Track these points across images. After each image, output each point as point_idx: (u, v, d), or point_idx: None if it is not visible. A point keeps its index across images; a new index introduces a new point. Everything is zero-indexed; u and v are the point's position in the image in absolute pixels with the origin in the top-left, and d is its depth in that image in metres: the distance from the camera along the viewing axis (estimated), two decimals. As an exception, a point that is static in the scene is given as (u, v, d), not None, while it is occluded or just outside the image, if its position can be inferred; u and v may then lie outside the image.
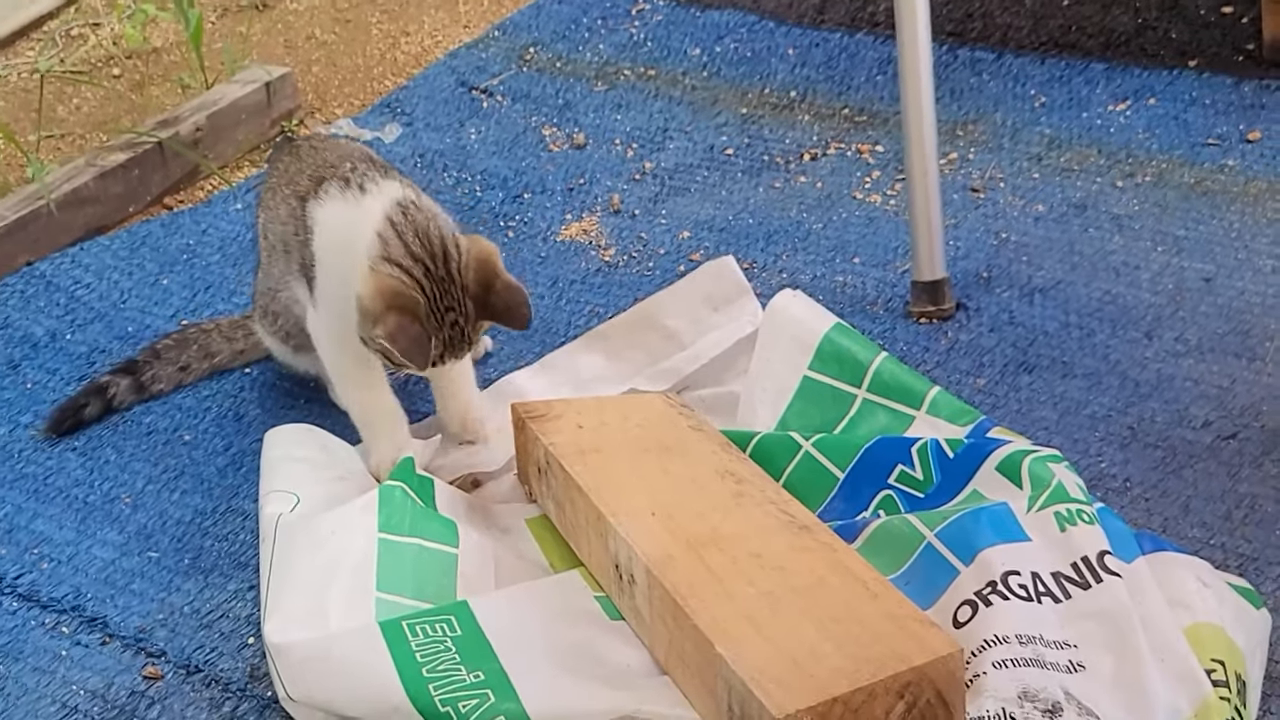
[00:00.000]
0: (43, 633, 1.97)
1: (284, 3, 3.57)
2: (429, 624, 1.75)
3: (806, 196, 2.65)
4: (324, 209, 2.02)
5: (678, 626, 1.62)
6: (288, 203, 2.10)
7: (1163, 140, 2.66)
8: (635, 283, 2.47)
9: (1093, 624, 1.61)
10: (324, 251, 2.01)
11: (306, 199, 2.05)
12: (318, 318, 2.07)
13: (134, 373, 2.33)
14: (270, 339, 2.27)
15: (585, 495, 1.83)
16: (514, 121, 2.98)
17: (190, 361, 2.36)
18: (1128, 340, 2.22)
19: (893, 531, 1.75)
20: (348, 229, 1.97)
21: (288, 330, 2.20)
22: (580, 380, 2.23)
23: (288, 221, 2.10)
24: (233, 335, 2.38)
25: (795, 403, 2.03)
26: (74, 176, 2.78)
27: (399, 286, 1.91)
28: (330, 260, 2.01)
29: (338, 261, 1.99)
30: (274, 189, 2.17)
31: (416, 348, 1.90)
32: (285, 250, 2.11)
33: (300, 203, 2.06)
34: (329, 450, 2.07)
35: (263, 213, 2.20)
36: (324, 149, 2.17)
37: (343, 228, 1.99)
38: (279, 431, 2.09)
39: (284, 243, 2.11)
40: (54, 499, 2.18)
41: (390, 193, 1.99)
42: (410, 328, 1.90)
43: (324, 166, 2.08)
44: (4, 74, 3.37)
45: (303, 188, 2.08)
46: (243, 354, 2.38)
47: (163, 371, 2.34)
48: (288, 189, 2.12)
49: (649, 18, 3.26)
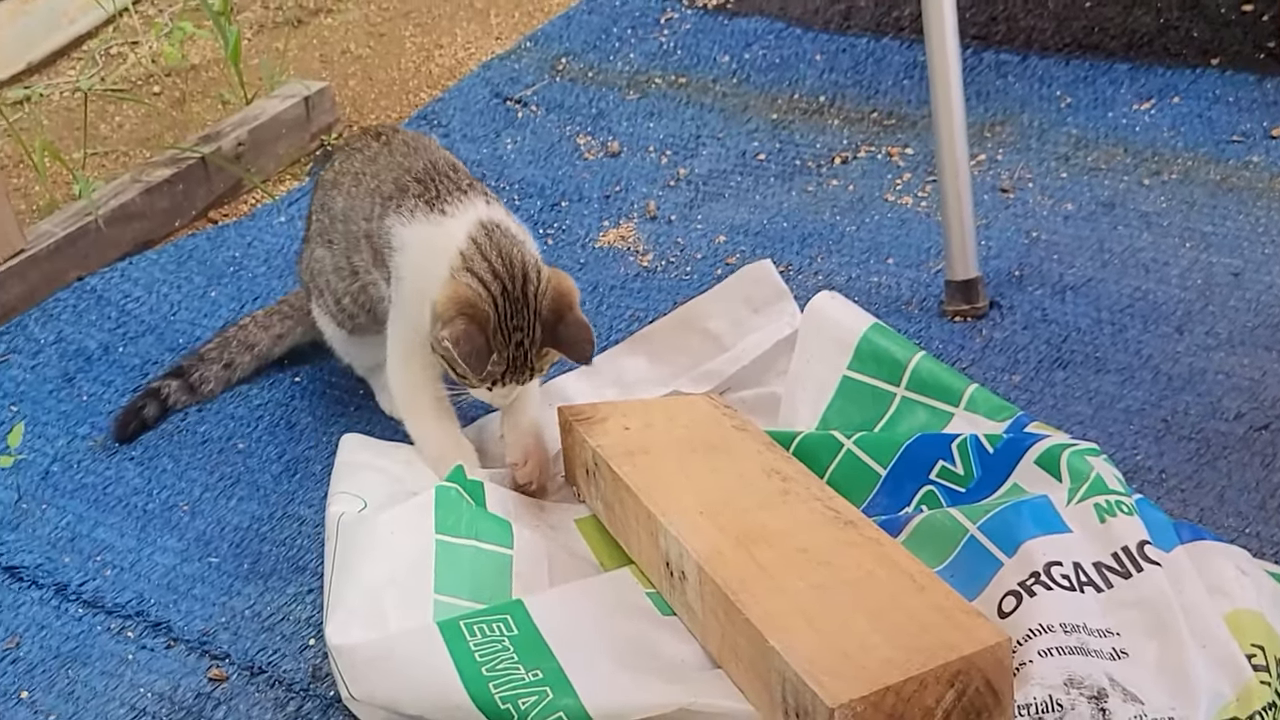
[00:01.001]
0: (109, 638, 2.02)
1: (319, 18, 3.63)
2: (486, 623, 1.79)
3: (839, 199, 2.70)
4: (408, 230, 2.07)
5: (730, 621, 1.67)
6: (370, 198, 2.15)
7: (1188, 138, 2.70)
8: (674, 287, 2.52)
9: (1135, 612, 1.65)
10: (406, 269, 2.07)
11: (388, 206, 2.10)
12: (394, 316, 2.13)
13: (182, 375, 2.39)
14: (325, 319, 2.31)
15: (634, 495, 1.88)
16: (549, 131, 3.04)
17: (233, 358, 2.41)
18: (1159, 335, 2.26)
19: (936, 525, 1.79)
20: (431, 250, 2.03)
21: (351, 311, 2.24)
22: (624, 383, 2.27)
23: (370, 218, 2.14)
24: (268, 324, 2.43)
25: (835, 402, 2.08)
26: (121, 193, 2.84)
27: (473, 296, 1.96)
28: (411, 278, 2.06)
29: (419, 280, 2.04)
30: (357, 176, 2.21)
31: (476, 355, 1.94)
32: (370, 244, 2.15)
33: (382, 205, 2.11)
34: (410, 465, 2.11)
35: (340, 197, 2.23)
36: (413, 149, 2.20)
37: (426, 249, 2.04)
38: (354, 438, 2.14)
39: (367, 236, 2.15)
40: (114, 508, 2.24)
41: (473, 213, 2.05)
42: (475, 336, 1.95)
43: (409, 172, 2.13)
44: (46, 93, 3.43)
45: (386, 189, 2.13)
46: (281, 339, 2.43)
47: (209, 372, 2.39)
48: (372, 181, 2.17)
49: (678, 26, 3.31)
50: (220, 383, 2.41)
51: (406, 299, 2.08)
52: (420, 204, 2.07)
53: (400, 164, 2.17)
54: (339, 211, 2.23)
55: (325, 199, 2.27)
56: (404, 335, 2.11)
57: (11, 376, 2.50)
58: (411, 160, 2.17)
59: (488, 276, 1.98)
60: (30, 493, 2.27)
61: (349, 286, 2.23)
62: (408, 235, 2.07)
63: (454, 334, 1.93)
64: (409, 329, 2.09)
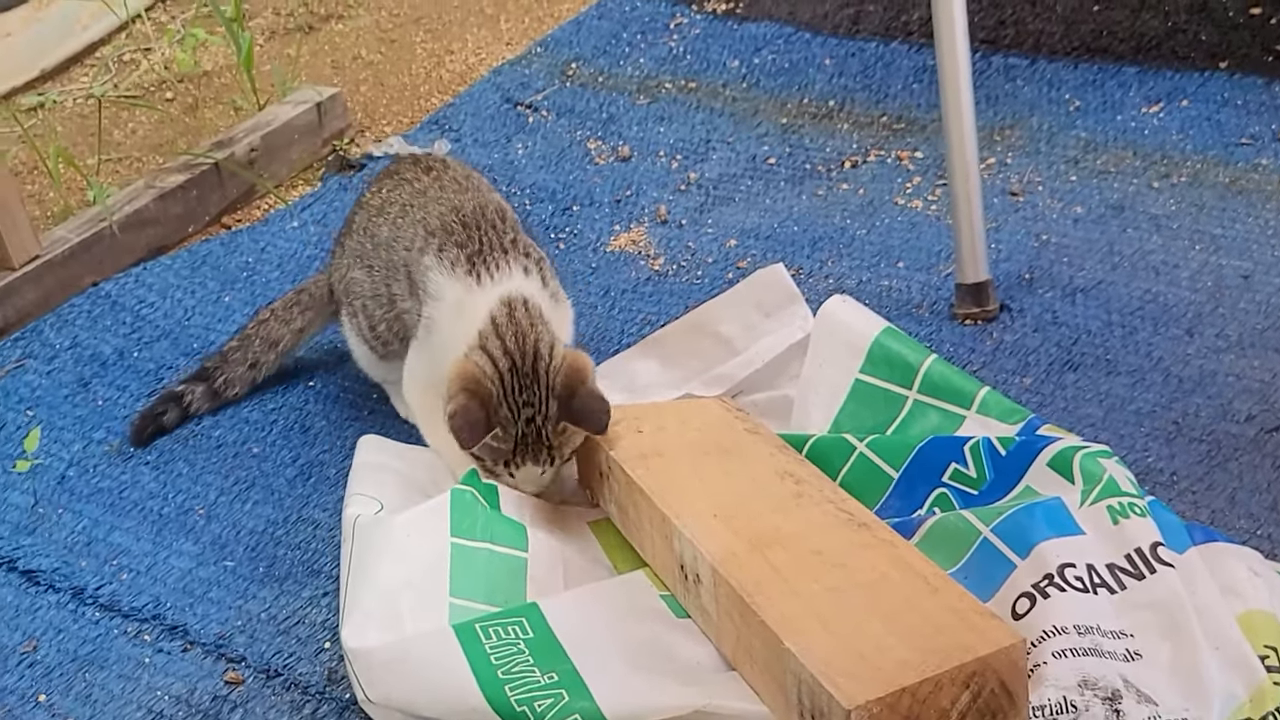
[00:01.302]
0: (125, 641, 2.03)
1: (329, 24, 3.64)
2: (501, 626, 1.80)
3: (849, 203, 2.71)
4: (446, 282, 2.07)
5: (745, 623, 1.68)
6: (415, 230, 2.16)
7: (1197, 141, 2.71)
8: (685, 291, 2.53)
9: (1148, 613, 1.66)
10: (439, 322, 2.08)
11: (429, 242, 2.11)
12: (409, 361, 2.15)
13: (207, 379, 2.40)
14: (356, 340, 2.32)
15: (648, 498, 1.89)
16: (559, 136, 3.05)
17: (257, 357, 2.41)
18: (1169, 337, 2.27)
19: (949, 527, 1.80)
20: (460, 317, 2.04)
21: (385, 338, 2.26)
22: (636, 386, 2.28)
23: (410, 248, 2.15)
24: (288, 317, 2.43)
25: (848, 405, 2.09)
26: (135, 198, 2.85)
27: (477, 373, 1.98)
28: (440, 333, 2.08)
29: (446, 341, 2.06)
30: (405, 207, 2.22)
31: (470, 429, 1.95)
32: (409, 276, 2.16)
33: (424, 239, 2.12)
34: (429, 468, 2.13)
35: (385, 225, 2.24)
36: (464, 187, 2.22)
37: (456, 314, 2.05)
38: (371, 440, 2.16)
39: (406, 265, 2.17)
40: (130, 512, 2.25)
41: (504, 286, 2.05)
42: (473, 410, 1.96)
43: (457, 211, 2.14)
44: (59, 100, 3.44)
45: (431, 224, 2.14)
46: (302, 332, 2.43)
47: (234, 374, 2.41)
48: (419, 214, 2.18)
49: (687, 31, 3.32)
50: (245, 384, 2.42)
51: (435, 346, 2.09)
52: (462, 256, 2.08)
53: (450, 200, 2.18)
54: (384, 239, 2.24)
55: (369, 224, 2.28)
56: (426, 367, 2.12)
57: (27, 382, 2.52)
58: (461, 199, 2.18)
59: (498, 354, 1.99)
60: (47, 497, 2.29)
61: (385, 314, 2.24)
62: (444, 288, 2.07)
63: (453, 409, 1.96)
64: (431, 370, 2.10)
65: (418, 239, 2.15)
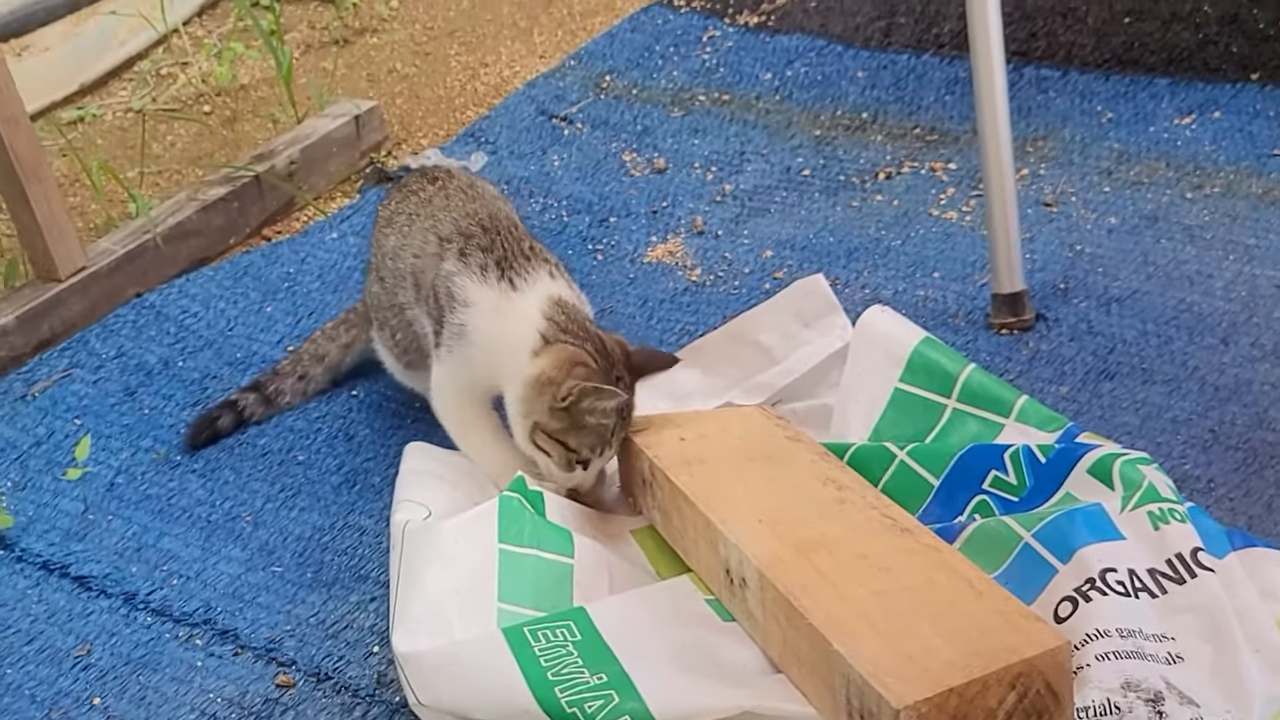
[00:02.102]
0: (177, 645, 2.06)
1: (364, 38, 3.68)
2: (550, 629, 1.83)
3: (884, 214, 2.74)
4: (478, 290, 2.09)
5: (792, 626, 1.70)
6: (424, 236, 2.19)
7: (1229, 152, 2.73)
8: (723, 301, 2.56)
9: (1189, 617, 1.68)
10: (474, 331, 2.09)
11: (447, 248, 2.14)
12: (438, 370, 2.17)
13: (260, 389, 2.45)
14: (384, 351, 2.37)
15: (693, 504, 1.92)
16: (595, 148, 3.08)
17: (307, 370, 2.46)
18: (1205, 347, 2.29)
19: (990, 533, 1.83)
20: (504, 324, 2.07)
21: (404, 347, 2.30)
22: (677, 394, 2.31)
23: (421, 256, 2.18)
24: (335, 334, 2.48)
25: (888, 413, 2.11)
26: (177, 210, 2.89)
27: (580, 354, 2.02)
28: (478, 338, 2.09)
29: (485, 342, 2.08)
30: (411, 216, 2.25)
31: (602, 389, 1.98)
32: (415, 283, 2.20)
33: (439, 244, 2.15)
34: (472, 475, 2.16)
35: (393, 235, 2.28)
36: (470, 198, 2.24)
37: (498, 320, 2.08)
38: (418, 447, 2.19)
39: (414, 275, 2.20)
40: (178, 518, 2.28)
41: (542, 288, 2.09)
42: (596, 374, 2.00)
43: (471, 217, 2.17)
44: (99, 114, 3.48)
45: (444, 229, 2.17)
46: (349, 348, 2.48)
47: (285, 384, 2.45)
48: (427, 221, 2.21)
49: (720, 44, 3.35)
50: (296, 394, 2.46)
51: (466, 354, 2.11)
52: (490, 262, 2.10)
53: (460, 207, 2.21)
54: (389, 249, 2.28)
55: (379, 236, 2.33)
56: (458, 374, 2.15)
57: (74, 391, 2.55)
58: (471, 206, 2.21)
59: (579, 341, 2.04)
60: (96, 504, 2.32)
61: (399, 324, 2.28)
62: (477, 295, 2.09)
63: (578, 378, 1.98)
64: (464, 377, 2.13)
65: (429, 245, 2.17)
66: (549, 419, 2.01)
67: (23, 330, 2.65)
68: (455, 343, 2.11)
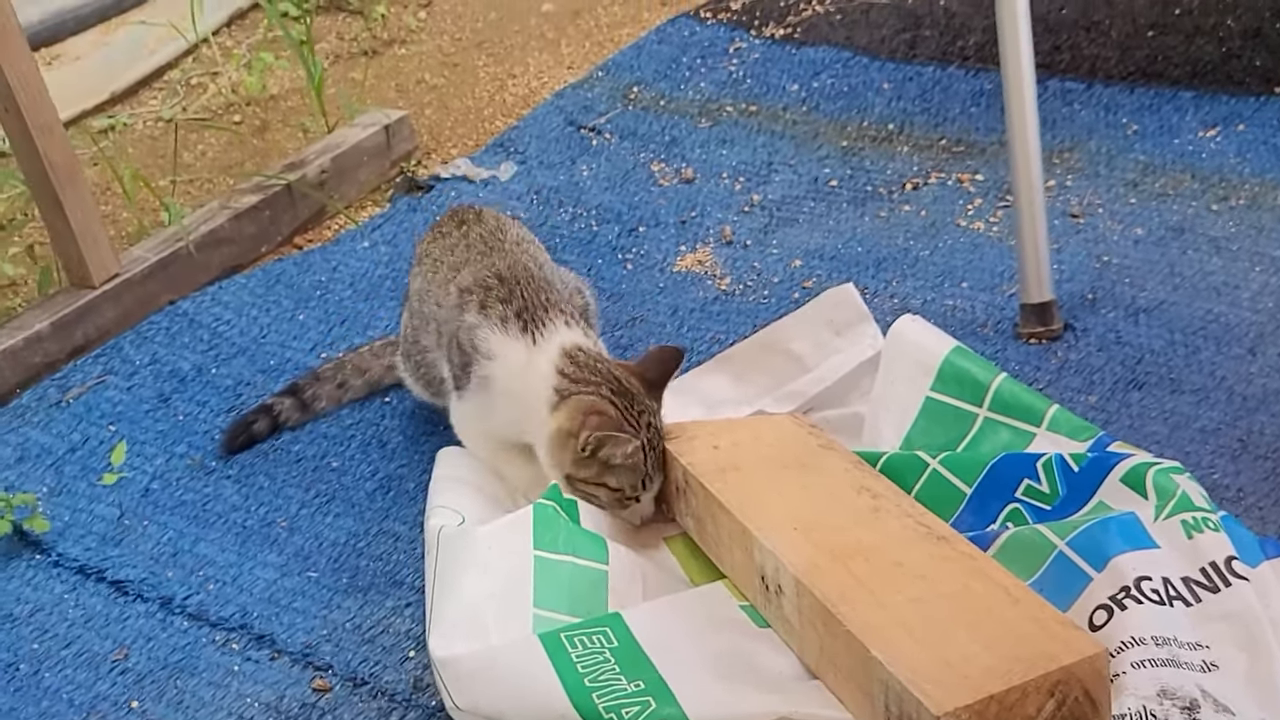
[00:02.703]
0: (214, 649, 2.08)
1: (393, 49, 3.71)
2: (586, 635, 1.84)
3: (911, 225, 2.76)
4: (501, 343, 2.10)
5: (829, 633, 1.71)
6: (444, 287, 2.21)
7: (1254, 164, 2.75)
8: (752, 310, 2.57)
9: (1224, 625, 1.69)
10: (498, 381, 2.11)
11: (466, 299, 2.15)
12: (460, 409, 2.19)
13: (296, 393, 2.47)
14: (411, 379, 2.38)
15: (727, 511, 1.93)
16: (623, 158, 3.10)
17: (347, 379, 2.49)
18: (1232, 357, 2.31)
19: (1024, 541, 1.84)
20: (523, 380, 2.09)
21: (428, 380, 2.32)
22: (709, 402, 2.32)
23: (443, 306, 2.20)
24: (381, 354, 2.50)
25: (919, 422, 2.12)
26: (210, 218, 2.92)
27: (594, 401, 2.03)
28: (500, 388, 2.11)
29: (509, 392, 2.10)
30: (436, 262, 2.27)
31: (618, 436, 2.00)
32: (438, 330, 2.22)
33: (459, 296, 2.16)
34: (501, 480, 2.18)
35: (420, 277, 2.30)
36: (493, 241, 2.25)
37: (518, 375, 2.09)
38: (450, 452, 2.21)
39: (437, 323, 2.22)
40: (214, 524, 2.30)
41: (556, 341, 2.09)
42: (610, 421, 2.01)
43: (488, 270, 2.17)
44: (129, 122, 3.51)
45: (464, 282, 2.17)
46: (392, 369, 2.49)
47: (322, 390, 2.48)
48: (449, 271, 2.22)
49: (746, 56, 3.37)
50: (331, 401, 2.48)
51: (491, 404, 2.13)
52: (509, 313, 2.11)
53: (479, 260, 2.21)
54: (415, 291, 2.31)
55: (412, 273, 2.36)
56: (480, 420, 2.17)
57: (109, 397, 2.57)
58: (490, 259, 2.21)
59: (594, 385, 2.05)
60: (132, 509, 2.34)
61: (422, 360, 2.31)
62: (500, 349, 2.11)
63: (593, 426, 2.00)
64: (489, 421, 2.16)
65: (449, 297, 2.18)
66: (579, 469, 2.04)
67: (57, 336, 2.68)
68: (480, 392, 2.13)
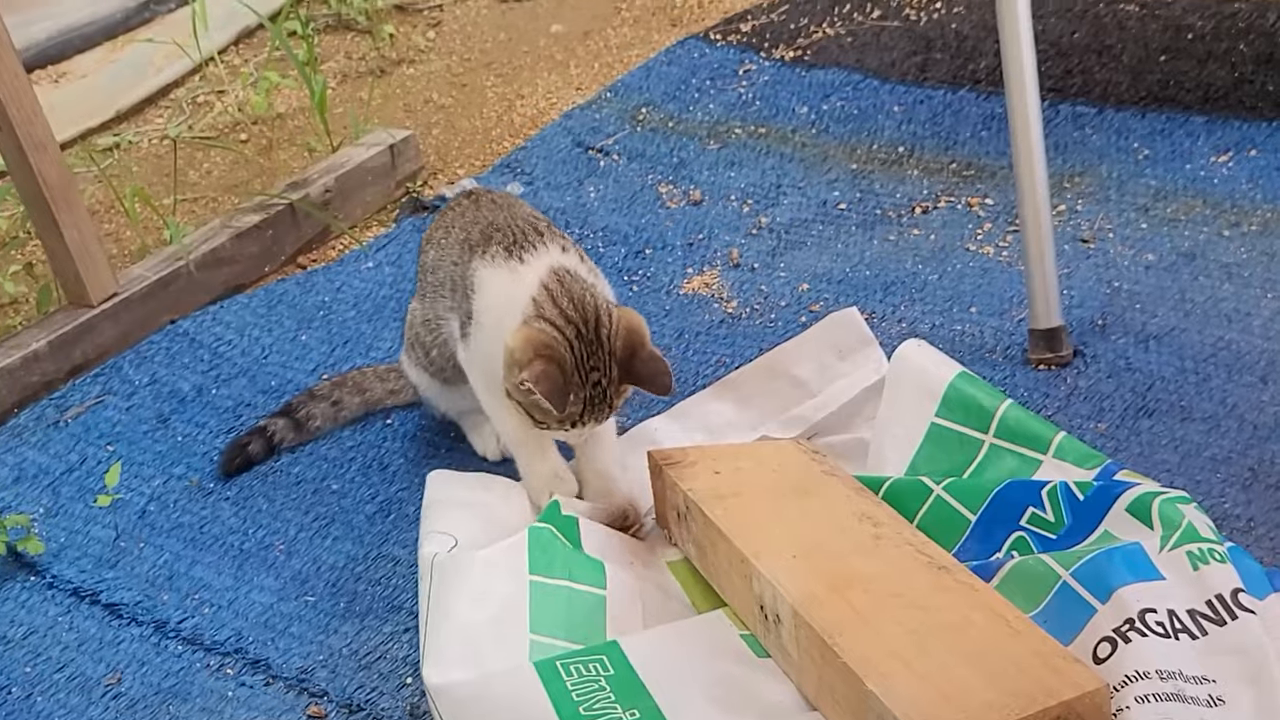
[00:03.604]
0: (208, 674, 2.06)
1: (401, 68, 3.69)
2: (582, 663, 1.82)
3: (920, 248, 2.73)
4: (488, 271, 2.12)
5: (826, 664, 1.69)
6: (458, 247, 2.21)
7: (1266, 190, 2.72)
8: (759, 333, 2.55)
9: (1230, 659, 1.66)
10: (482, 313, 2.12)
11: (474, 252, 2.16)
12: (469, 355, 2.18)
13: (290, 413, 2.45)
14: (418, 372, 2.37)
15: (727, 538, 1.90)
16: (631, 180, 3.08)
17: (344, 397, 2.47)
18: (1244, 385, 2.28)
19: (1028, 571, 1.81)
20: (507, 296, 2.08)
21: (439, 364, 2.30)
22: (712, 427, 2.30)
23: (457, 264, 2.20)
24: (384, 377, 2.49)
25: (924, 448, 2.10)
26: (211, 237, 2.90)
27: (548, 339, 2.01)
28: (487, 322, 2.11)
29: (493, 327, 2.09)
30: (448, 229, 2.28)
31: (556, 395, 1.99)
32: (452, 289, 2.21)
33: (469, 252, 2.17)
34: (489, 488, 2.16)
35: (432, 250, 2.30)
36: (500, 206, 2.27)
37: (502, 294, 2.09)
38: (441, 475, 2.18)
39: (451, 281, 2.21)
40: (210, 546, 2.28)
41: (546, 259, 2.10)
42: (554, 376, 2.00)
43: (494, 226, 2.19)
44: (135, 141, 3.50)
45: (474, 238, 2.19)
46: (394, 394, 2.48)
47: (317, 409, 2.45)
48: (460, 233, 2.23)
49: (756, 78, 3.35)
50: (327, 420, 2.46)
51: (481, 342, 2.13)
52: (500, 249, 2.13)
53: (486, 217, 2.23)
54: (429, 263, 2.30)
55: (422, 255, 2.35)
56: (480, 360, 2.16)
57: (107, 417, 2.55)
58: (496, 214, 2.23)
59: (560, 321, 2.03)
60: (128, 531, 2.32)
61: (435, 339, 2.28)
62: (486, 277, 2.12)
63: (534, 375, 1.98)
64: (485, 363, 2.14)
65: (464, 254, 2.19)
66: (515, 391, 2.05)
67: (55, 356, 2.66)
68: (476, 332, 2.14)
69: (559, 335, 2.02)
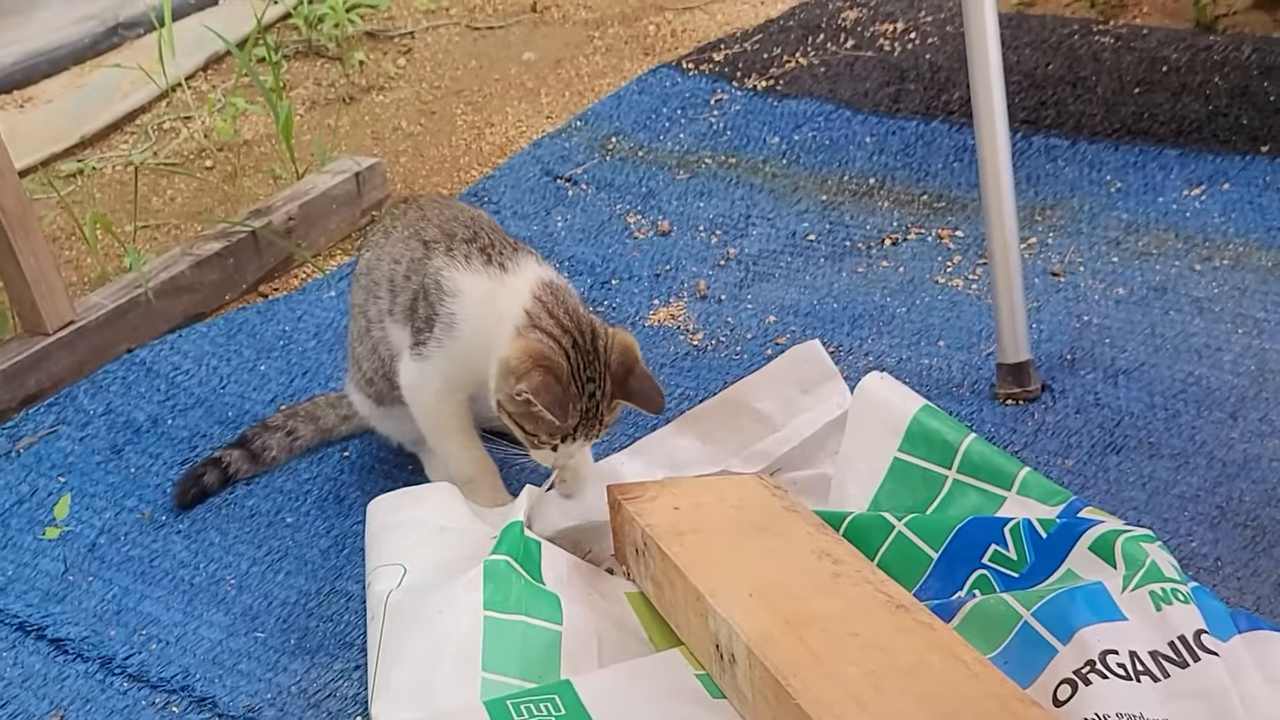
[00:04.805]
0: (153, 713, 2.01)
1: (370, 95, 3.66)
2: (534, 703, 1.78)
3: (889, 281, 2.70)
4: (465, 277, 2.09)
5: (780, 706, 1.65)
6: (406, 244, 2.18)
7: (1239, 224, 2.70)
8: (724, 366, 2.51)
9: (1193, 702, 1.63)
10: (462, 318, 2.09)
11: (433, 250, 2.13)
12: (419, 367, 2.14)
13: (245, 444, 2.40)
14: (358, 394, 2.34)
15: (683, 575, 1.87)
16: (599, 209, 3.05)
17: (297, 427, 2.43)
18: (1213, 421, 2.25)
19: (989, 611, 1.78)
20: (493, 305, 2.07)
21: (370, 376, 2.27)
22: (675, 462, 2.27)
23: (401, 261, 2.17)
24: (336, 404, 2.45)
25: (886, 484, 2.07)
26: (171, 265, 2.86)
27: (547, 350, 2.00)
28: (468, 327, 2.09)
29: (477, 336, 2.07)
30: (387, 231, 2.25)
31: (556, 404, 1.98)
32: (391, 290, 2.18)
33: (424, 249, 2.14)
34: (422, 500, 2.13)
35: (369, 252, 2.28)
36: (450, 206, 2.25)
37: (487, 303, 2.07)
38: (377, 502, 2.14)
39: (390, 282, 2.19)
40: (160, 581, 2.24)
41: (532, 271, 2.10)
42: (554, 386, 1.98)
43: (453, 221, 2.17)
44: (99, 166, 3.46)
45: (429, 235, 2.16)
46: (347, 419, 2.44)
47: (272, 439, 2.41)
48: (407, 231, 2.20)
49: (727, 107, 3.32)
50: (283, 450, 2.42)
51: (456, 347, 2.10)
52: (475, 251, 2.11)
53: (440, 214, 2.21)
54: (362, 267, 2.28)
55: (358, 264, 2.32)
56: (439, 376, 2.13)
57: (60, 448, 2.51)
58: (453, 211, 2.22)
59: (557, 332, 2.02)
60: (77, 565, 2.27)
61: (368, 350, 2.26)
62: (464, 283, 2.09)
63: (533, 385, 1.96)
64: (450, 371, 2.12)
65: (413, 250, 2.16)
66: (509, 403, 2.02)
67: (8, 385, 2.61)
68: (444, 336, 2.10)
69: (556, 346, 2.01)
